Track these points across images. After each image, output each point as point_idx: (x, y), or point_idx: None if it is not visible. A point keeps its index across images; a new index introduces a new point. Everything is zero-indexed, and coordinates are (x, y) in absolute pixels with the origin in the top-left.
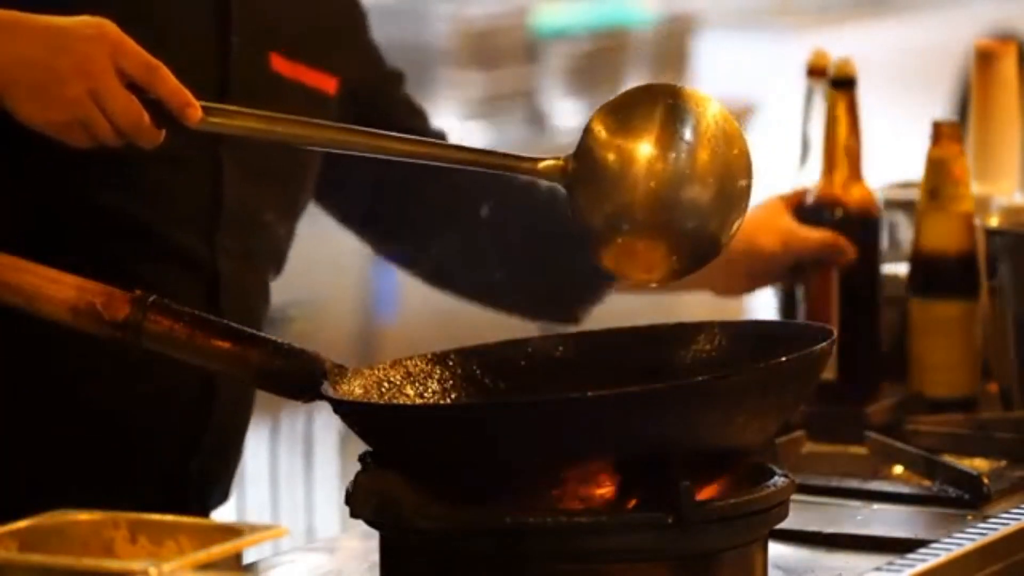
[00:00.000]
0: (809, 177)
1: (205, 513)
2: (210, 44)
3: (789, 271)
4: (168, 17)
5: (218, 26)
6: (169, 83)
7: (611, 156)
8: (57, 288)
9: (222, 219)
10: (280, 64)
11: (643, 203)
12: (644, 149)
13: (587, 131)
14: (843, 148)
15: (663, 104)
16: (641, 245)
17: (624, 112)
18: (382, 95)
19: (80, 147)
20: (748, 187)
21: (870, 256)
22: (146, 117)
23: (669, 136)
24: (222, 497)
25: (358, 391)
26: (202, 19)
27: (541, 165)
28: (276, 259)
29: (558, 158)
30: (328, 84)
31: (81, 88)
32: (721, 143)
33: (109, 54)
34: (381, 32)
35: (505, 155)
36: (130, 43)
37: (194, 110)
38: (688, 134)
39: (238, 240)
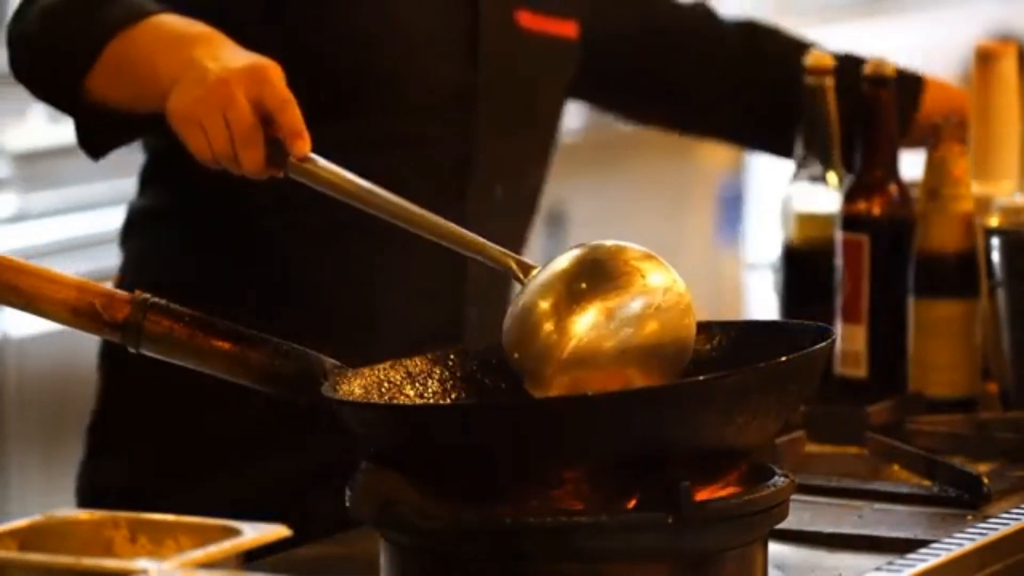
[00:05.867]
0: (809, 177)
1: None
2: (460, 10)
3: None
4: None
5: None
6: (295, 115)
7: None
8: (57, 289)
9: (473, 168)
10: (526, 19)
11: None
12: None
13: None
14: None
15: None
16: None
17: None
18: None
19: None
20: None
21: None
22: (261, 148)
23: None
24: None
25: (358, 391)
26: None
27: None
28: (528, 206)
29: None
30: (570, 29)
31: (218, 115)
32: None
33: (248, 85)
34: None
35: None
36: (273, 78)
37: (303, 143)
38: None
39: (488, 189)
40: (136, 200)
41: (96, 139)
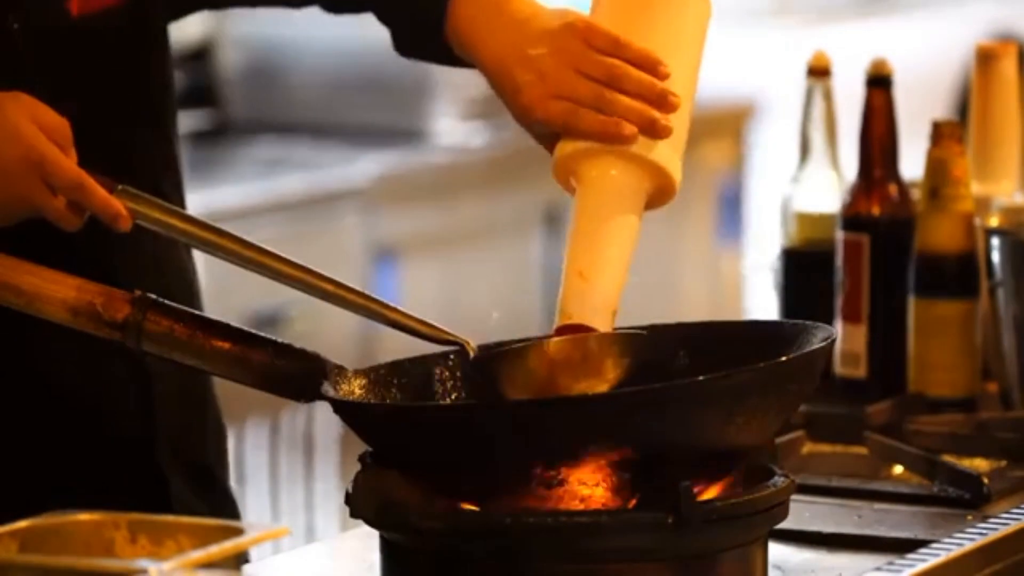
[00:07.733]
0: (809, 177)
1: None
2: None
3: None
4: None
5: None
6: (96, 198)
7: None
8: (56, 288)
9: None
10: (78, 5)
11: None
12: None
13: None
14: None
15: None
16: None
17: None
18: None
19: None
20: None
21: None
22: (82, 219)
23: None
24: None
25: (358, 391)
26: None
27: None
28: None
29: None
30: None
31: (26, 211)
32: None
33: (39, 176)
34: (381, 33)
35: (420, 321)
36: (53, 159)
37: (124, 221)
38: None
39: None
40: None
41: None
